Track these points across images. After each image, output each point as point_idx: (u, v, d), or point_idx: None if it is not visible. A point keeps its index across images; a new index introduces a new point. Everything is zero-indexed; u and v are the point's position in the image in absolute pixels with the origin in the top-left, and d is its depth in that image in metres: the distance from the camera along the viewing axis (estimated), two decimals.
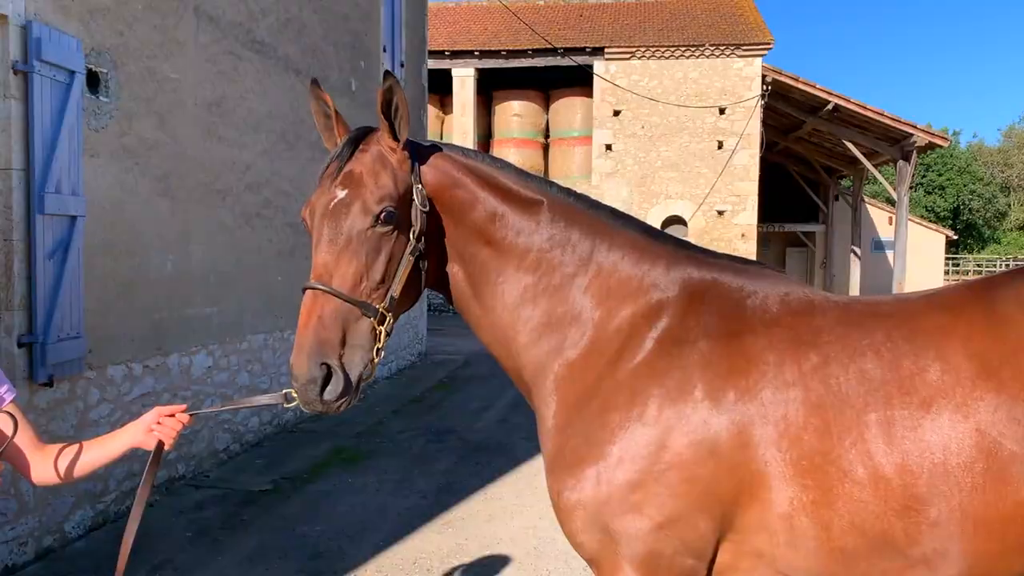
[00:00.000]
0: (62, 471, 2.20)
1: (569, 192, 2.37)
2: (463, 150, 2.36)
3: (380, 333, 2.11)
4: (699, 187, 22.50)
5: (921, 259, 29.80)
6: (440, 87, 24.03)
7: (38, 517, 5.05)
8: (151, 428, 2.23)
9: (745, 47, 22.12)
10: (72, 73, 5.16)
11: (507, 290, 2.27)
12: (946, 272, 42.86)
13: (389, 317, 2.12)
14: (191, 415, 2.30)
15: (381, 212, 2.09)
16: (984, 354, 1.91)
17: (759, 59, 22.20)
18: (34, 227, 4.85)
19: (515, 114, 24.16)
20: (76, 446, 2.24)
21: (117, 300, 5.82)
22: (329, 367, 2.04)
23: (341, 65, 9.96)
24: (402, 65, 12.56)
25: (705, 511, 1.99)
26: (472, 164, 2.31)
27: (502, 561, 5.13)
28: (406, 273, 2.15)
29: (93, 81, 5.52)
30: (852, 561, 1.95)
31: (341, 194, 2.10)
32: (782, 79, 22.31)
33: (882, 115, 22.09)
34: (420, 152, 2.26)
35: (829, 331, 2.05)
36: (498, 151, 24.02)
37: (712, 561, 2.06)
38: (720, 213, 22.45)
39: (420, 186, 2.18)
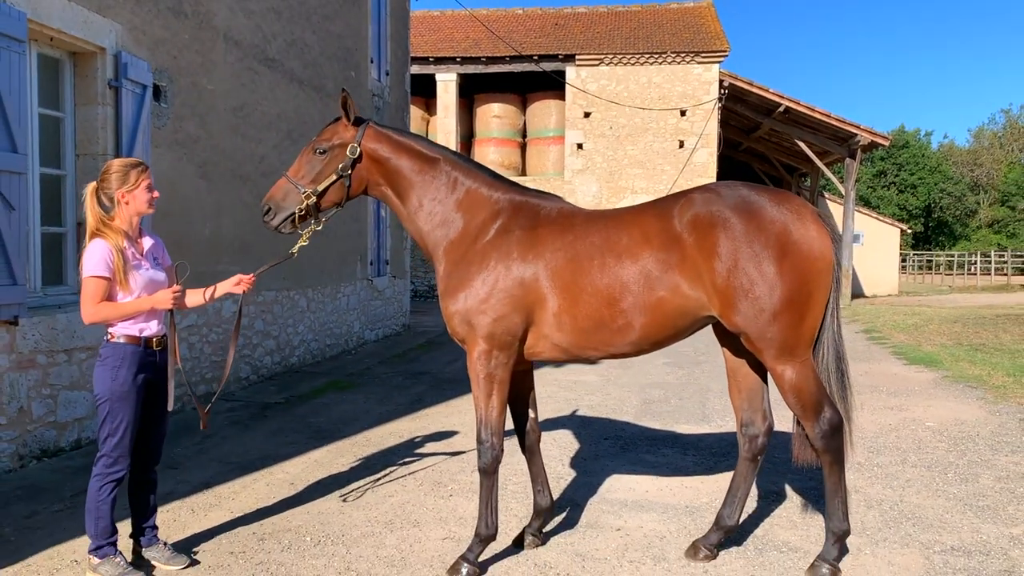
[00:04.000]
0: (208, 296, 4.26)
1: (455, 152, 4.44)
2: (398, 130, 4.41)
3: (304, 202, 4.15)
4: (662, 183, 24.62)
5: (880, 251, 31.88)
6: (425, 90, 26.10)
7: None
8: (235, 283, 4.28)
9: (704, 54, 24.25)
10: (145, 87, 7.23)
11: (420, 203, 4.30)
12: (904, 264, 45.25)
13: (313, 197, 4.15)
14: (255, 274, 4.35)
15: (319, 148, 4.20)
16: (647, 231, 3.97)
17: (717, 65, 24.32)
18: None
19: (495, 115, 26.21)
20: (201, 288, 4.31)
21: (172, 255, 7.83)
22: (269, 207, 4.17)
23: (335, 76, 12.02)
24: (387, 73, 14.62)
25: (518, 312, 4.05)
26: (399, 138, 4.34)
27: (453, 433, 7.23)
28: (330, 181, 4.18)
29: (157, 92, 7.60)
30: (587, 334, 4.03)
31: (313, 139, 4.25)
32: (738, 83, 24.42)
33: (828, 116, 24.24)
34: (370, 128, 4.30)
35: (579, 224, 4.12)
36: (479, 150, 26.14)
37: (523, 342, 4.13)
38: None
39: (356, 144, 4.22)
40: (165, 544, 4.24)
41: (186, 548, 4.41)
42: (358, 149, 4.23)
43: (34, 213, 6.37)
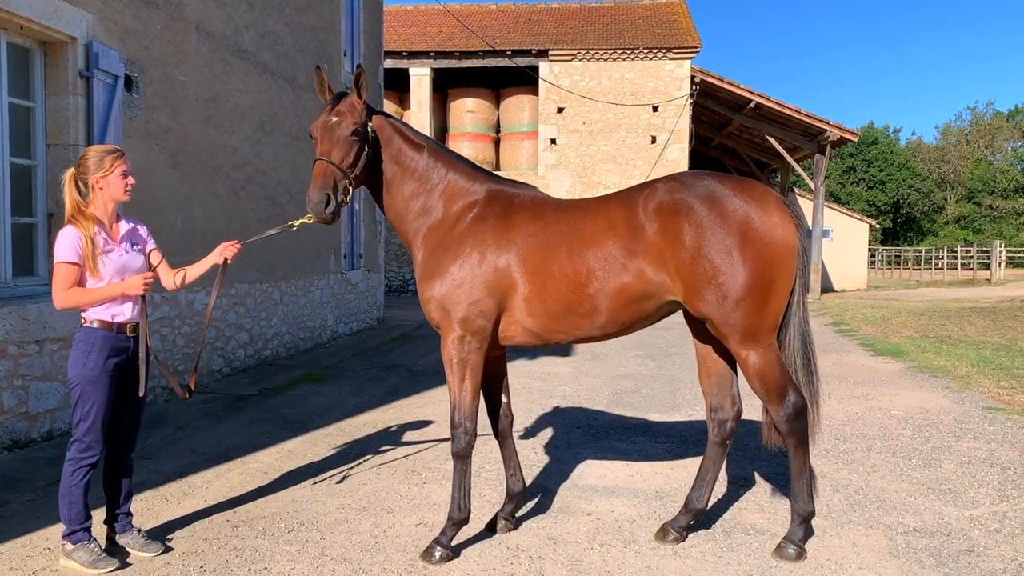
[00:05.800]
0: (178, 281, 4.28)
1: (437, 143, 4.48)
2: (391, 115, 4.44)
3: (349, 188, 4.09)
4: (635, 178, 24.73)
5: (849, 247, 32.28)
6: (399, 85, 26.04)
7: None
8: (220, 253, 4.30)
9: (676, 50, 24.42)
10: (116, 77, 7.19)
11: (404, 190, 4.34)
12: (873, 259, 45.86)
13: (353, 182, 4.10)
14: (241, 243, 4.36)
15: (354, 130, 4.10)
16: (611, 220, 4.05)
17: (688, 61, 24.50)
18: None
19: (468, 110, 26.21)
20: (183, 268, 4.32)
21: None
22: (328, 195, 4.00)
23: (308, 68, 11.97)
24: (360, 67, 14.55)
25: (492, 297, 4.11)
26: (394, 123, 4.37)
27: (426, 423, 7.26)
28: (362, 163, 4.14)
29: (128, 83, 7.54)
30: (557, 319, 4.10)
31: (335, 119, 4.12)
32: (709, 79, 24.61)
33: (798, 112, 24.50)
34: (372, 111, 4.32)
35: (550, 212, 4.19)
36: (453, 144, 26.10)
37: (496, 327, 4.19)
38: None
39: (370, 124, 4.23)
40: (139, 531, 4.25)
41: (160, 535, 4.43)
42: (372, 128, 4.23)
43: (4, 203, 6.32)
